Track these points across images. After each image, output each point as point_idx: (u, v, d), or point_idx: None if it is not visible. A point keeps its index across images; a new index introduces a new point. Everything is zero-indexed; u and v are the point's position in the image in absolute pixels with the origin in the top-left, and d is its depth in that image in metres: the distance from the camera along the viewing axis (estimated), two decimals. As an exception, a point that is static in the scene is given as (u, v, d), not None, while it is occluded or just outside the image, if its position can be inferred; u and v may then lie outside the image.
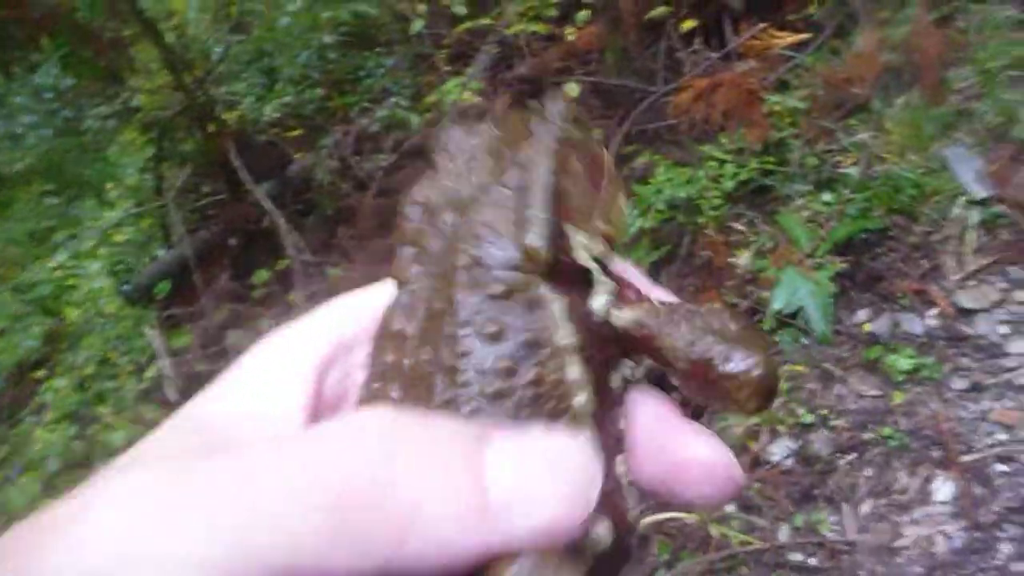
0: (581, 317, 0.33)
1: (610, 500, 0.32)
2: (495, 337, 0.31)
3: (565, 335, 0.32)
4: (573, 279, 0.34)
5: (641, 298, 0.36)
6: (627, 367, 0.36)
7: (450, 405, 0.31)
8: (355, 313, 0.38)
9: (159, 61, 4.45)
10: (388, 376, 0.33)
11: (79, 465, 3.65)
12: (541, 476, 0.27)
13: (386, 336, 0.34)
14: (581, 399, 0.32)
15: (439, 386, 0.31)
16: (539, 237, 0.32)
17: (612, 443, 0.33)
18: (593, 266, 0.35)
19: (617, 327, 0.34)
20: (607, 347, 0.34)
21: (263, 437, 0.32)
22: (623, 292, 0.36)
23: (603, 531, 0.31)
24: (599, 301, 0.34)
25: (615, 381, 0.35)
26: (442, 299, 0.33)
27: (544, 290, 0.32)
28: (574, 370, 0.32)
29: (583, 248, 0.34)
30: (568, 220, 0.34)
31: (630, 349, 0.35)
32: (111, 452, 3.45)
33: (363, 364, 0.36)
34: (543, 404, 0.31)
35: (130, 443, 0.33)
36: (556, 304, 0.32)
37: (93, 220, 5.13)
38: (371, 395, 0.34)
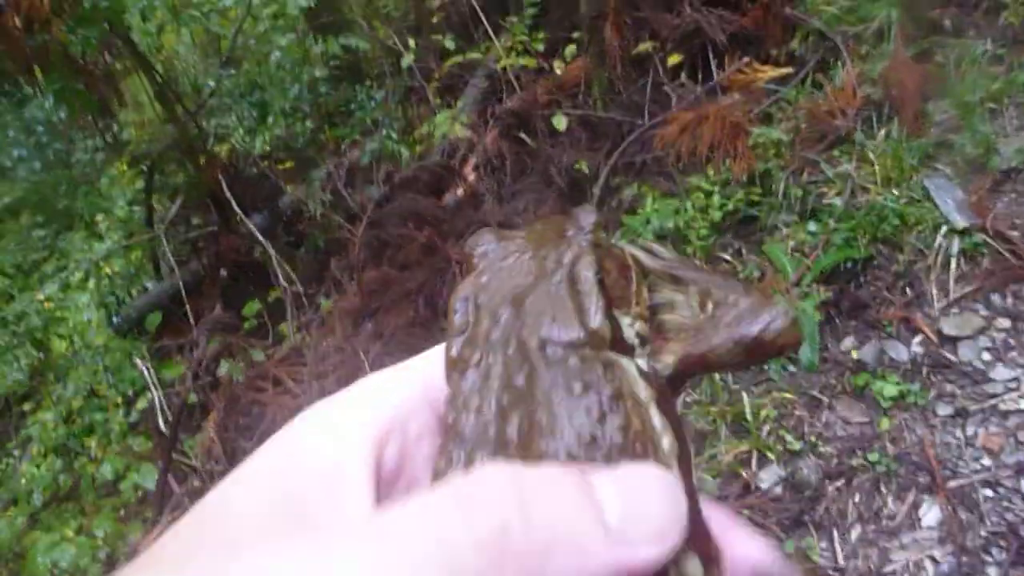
0: (648, 376, 0.38)
1: (697, 536, 0.34)
2: (583, 392, 0.35)
3: (642, 389, 0.37)
4: (623, 352, 0.39)
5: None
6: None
7: (547, 456, 0.34)
8: (402, 386, 0.40)
9: (150, 94, 4.49)
10: (476, 442, 0.36)
11: (65, 498, 3.62)
12: (642, 498, 0.31)
13: (459, 409, 0.37)
14: (666, 443, 0.36)
15: (536, 441, 0.34)
16: (601, 320, 0.37)
17: (692, 486, 0.36)
18: (636, 341, 0.40)
19: (666, 374, 0.40)
20: (670, 401, 0.39)
21: (339, 510, 0.34)
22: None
23: (694, 568, 0.33)
24: (644, 363, 0.40)
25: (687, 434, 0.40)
26: (520, 375, 0.36)
27: (614, 356, 0.37)
28: (656, 418, 0.36)
29: (627, 328, 0.40)
30: (613, 306, 0.39)
31: (683, 379, 0.41)
32: (98, 485, 3.43)
33: (420, 436, 0.38)
34: (632, 447, 0.34)
35: (117, 476, 0.34)
36: (629, 365, 0.37)
37: (82, 252, 5.12)
38: (452, 461, 0.36)
